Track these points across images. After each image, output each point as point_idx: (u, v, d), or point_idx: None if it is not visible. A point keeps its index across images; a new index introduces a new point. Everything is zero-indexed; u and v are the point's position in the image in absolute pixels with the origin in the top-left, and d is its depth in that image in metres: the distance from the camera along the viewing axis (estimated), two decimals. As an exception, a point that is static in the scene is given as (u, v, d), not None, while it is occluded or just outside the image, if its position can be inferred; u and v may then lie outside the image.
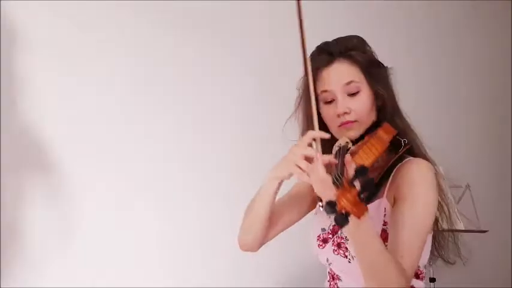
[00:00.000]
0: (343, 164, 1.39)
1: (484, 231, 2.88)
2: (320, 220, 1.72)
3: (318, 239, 1.71)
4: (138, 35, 2.81)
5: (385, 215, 1.57)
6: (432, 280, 2.84)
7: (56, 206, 2.63)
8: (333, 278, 1.69)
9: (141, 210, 2.75)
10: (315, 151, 1.48)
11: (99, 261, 2.64)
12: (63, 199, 2.64)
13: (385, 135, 1.56)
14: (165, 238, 2.78)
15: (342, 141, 1.58)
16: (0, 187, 2.51)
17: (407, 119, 1.72)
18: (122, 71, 2.76)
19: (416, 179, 1.56)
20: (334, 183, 1.30)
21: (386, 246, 1.50)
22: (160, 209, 2.79)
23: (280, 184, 1.59)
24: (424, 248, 1.56)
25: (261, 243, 1.74)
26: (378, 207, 1.58)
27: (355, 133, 1.62)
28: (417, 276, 1.63)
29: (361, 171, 1.25)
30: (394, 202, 1.56)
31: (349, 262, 1.61)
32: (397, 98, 1.71)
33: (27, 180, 2.58)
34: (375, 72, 1.66)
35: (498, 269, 3.51)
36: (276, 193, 1.61)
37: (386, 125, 1.61)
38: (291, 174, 1.52)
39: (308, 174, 1.45)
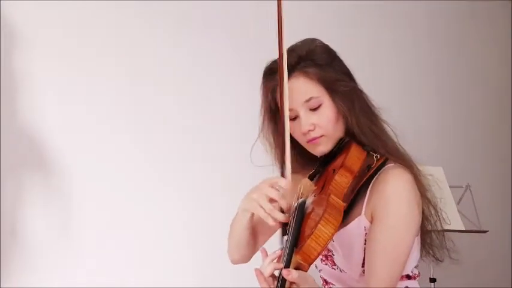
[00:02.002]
0: (297, 233, 1.36)
1: (484, 231, 2.88)
2: None
3: None
4: (138, 34, 2.81)
5: (366, 233, 1.53)
6: (432, 280, 2.84)
7: (56, 206, 2.63)
8: (326, 282, 1.68)
9: (141, 210, 2.75)
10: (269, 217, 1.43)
11: (99, 261, 2.64)
12: (63, 199, 2.64)
13: (339, 192, 1.45)
14: (165, 238, 2.78)
15: (302, 187, 1.51)
16: (0, 187, 2.52)
17: (380, 122, 1.63)
18: (122, 71, 2.76)
19: (390, 197, 1.50)
20: None
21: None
22: (160, 208, 2.79)
23: (253, 214, 1.56)
24: (408, 257, 1.54)
25: (251, 256, 1.74)
26: (357, 226, 1.53)
27: (324, 147, 1.58)
28: (409, 277, 1.62)
29: None
30: (372, 220, 1.52)
31: (341, 272, 1.60)
32: (361, 106, 1.61)
33: (27, 180, 2.58)
34: (333, 85, 1.57)
35: (498, 269, 3.51)
36: (250, 220, 1.59)
37: (350, 156, 1.52)
38: (253, 212, 1.51)
39: (271, 217, 1.44)
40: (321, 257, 1.61)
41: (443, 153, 3.36)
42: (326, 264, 1.63)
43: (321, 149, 1.58)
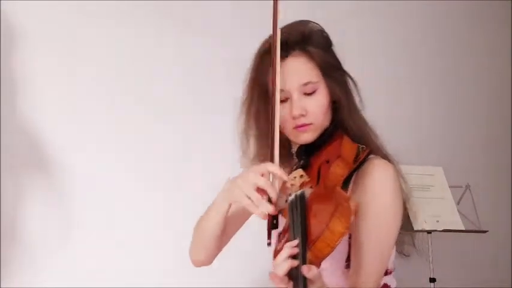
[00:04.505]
0: (304, 228, 1.24)
1: (484, 231, 2.88)
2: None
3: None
4: (139, 34, 2.81)
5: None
6: (432, 280, 2.84)
7: (56, 206, 2.63)
8: None
9: (141, 210, 2.75)
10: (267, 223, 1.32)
11: (99, 261, 2.64)
12: (63, 199, 2.64)
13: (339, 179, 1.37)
14: (165, 237, 2.78)
15: (295, 180, 1.39)
16: (0, 187, 2.52)
17: (363, 115, 1.57)
18: (123, 70, 2.76)
19: (377, 188, 1.44)
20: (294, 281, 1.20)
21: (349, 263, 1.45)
22: (160, 208, 2.79)
23: (231, 205, 1.48)
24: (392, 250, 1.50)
25: (217, 254, 1.67)
26: None
27: (310, 136, 1.50)
28: (386, 273, 1.54)
29: None
30: (356, 213, 1.44)
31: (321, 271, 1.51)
32: (353, 98, 1.56)
33: (27, 180, 2.58)
34: (332, 72, 1.51)
35: (498, 269, 3.51)
36: (227, 212, 1.51)
37: (343, 155, 1.43)
38: (238, 202, 1.40)
39: (258, 207, 1.33)
40: None
41: (443, 153, 3.36)
42: None
43: (306, 137, 1.51)
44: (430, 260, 2.82)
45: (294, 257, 1.22)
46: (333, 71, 1.51)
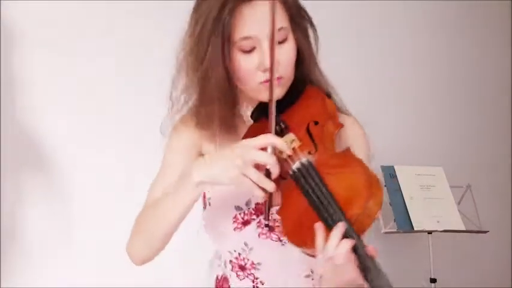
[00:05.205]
0: (333, 199, 1.12)
1: (485, 232, 2.88)
2: (231, 196, 1.39)
3: (234, 221, 1.43)
4: (139, 34, 2.81)
5: None
6: (433, 281, 2.84)
7: (56, 206, 2.63)
8: (243, 269, 1.45)
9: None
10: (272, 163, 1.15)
11: (99, 261, 2.64)
12: (63, 199, 2.64)
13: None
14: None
15: (288, 145, 1.22)
16: (0, 187, 2.51)
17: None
18: (123, 70, 2.76)
19: (355, 143, 1.33)
20: None
21: None
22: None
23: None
24: None
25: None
26: None
27: (280, 92, 1.31)
28: None
29: None
30: None
31: (283, 245, 1.36)
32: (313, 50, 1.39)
33: (27, 180, 2.58)
34: (300, 18, 1.33)
35: (498, 269, 3.51)
36: (197, 198, 1.31)
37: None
38: (232, 184, 1.20)
39: (260, 187, 1.15)
40: (259, 230, 1.38)
41: (443, 153, 3.36)
42: (267, 238, 1.38)
43: (278, 92, 1.30)
44: (430, 260, 2.81)
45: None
46: (299, 16, 1.33)
